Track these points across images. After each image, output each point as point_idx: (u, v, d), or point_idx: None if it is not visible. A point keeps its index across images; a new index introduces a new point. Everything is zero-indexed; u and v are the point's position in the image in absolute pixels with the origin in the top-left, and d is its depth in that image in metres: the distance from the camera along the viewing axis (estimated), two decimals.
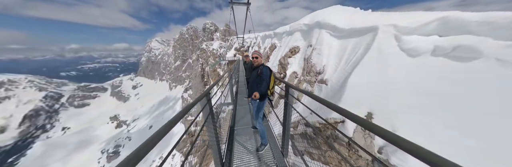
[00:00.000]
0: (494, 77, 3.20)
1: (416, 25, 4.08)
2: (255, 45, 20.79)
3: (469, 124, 2.87)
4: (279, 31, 10.90)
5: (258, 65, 2.33)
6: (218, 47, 44.21)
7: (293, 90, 1.83)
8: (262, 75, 2.12)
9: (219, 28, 69.39)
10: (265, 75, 2.09)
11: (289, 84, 1.94)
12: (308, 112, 5.96)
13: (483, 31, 3.62)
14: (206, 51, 44.47)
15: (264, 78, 2.06)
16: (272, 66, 9.34)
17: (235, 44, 29.26)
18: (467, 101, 3.04)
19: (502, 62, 3.43)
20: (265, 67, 2.23)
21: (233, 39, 35.18)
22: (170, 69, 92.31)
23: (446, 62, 3.95)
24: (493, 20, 3.44)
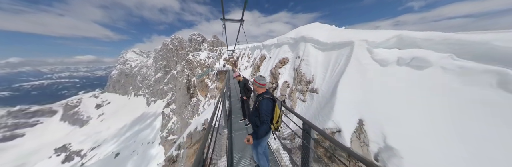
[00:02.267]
0: (442, 82, 4.09)
1: (381, 40, 5.16)
2: (244, 56, 21.77)
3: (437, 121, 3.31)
4: (268, 43, 11.97)
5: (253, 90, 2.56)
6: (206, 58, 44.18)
7: (313, 129, 1.43)
8: (261, 112, 1.61)
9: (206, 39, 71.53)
10: (264, 113, 1.60)
11: (309, 123, 1.55)
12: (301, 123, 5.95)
13: (427, 46, 4.80)
14: (193, 62, 43.51)
15: (264, 119, 1.58)
16: (265, 76, 9.66)
17: (224, 55, 29.91)
18: (428, 103, 3.72)
19: (445, 69, 4.46)
20: (265, 99, 1.69)
21: (222, 49, 36.27)
22: (149, 82, 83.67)
23: (408, 70, 4.89)
24: (432, 38, 4.67)
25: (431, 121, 3.43)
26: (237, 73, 3.88)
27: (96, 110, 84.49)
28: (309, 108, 6.59)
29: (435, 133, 3.20)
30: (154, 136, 48.89)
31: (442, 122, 3.32)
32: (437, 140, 3.11)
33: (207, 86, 39.54)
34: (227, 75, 12.09)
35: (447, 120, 3.30)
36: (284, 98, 8.22)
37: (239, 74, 4.08)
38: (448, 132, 3.11)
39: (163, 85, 70.94)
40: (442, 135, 3.16)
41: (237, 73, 3.88)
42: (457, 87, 4.29)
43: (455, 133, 3.02)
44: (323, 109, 5.33)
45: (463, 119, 3.21)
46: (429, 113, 3.69)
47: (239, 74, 4.01)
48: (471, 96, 4.03)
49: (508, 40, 3.64)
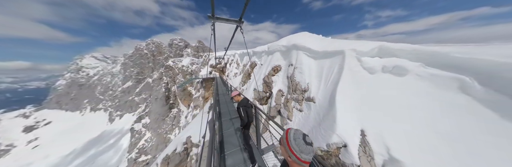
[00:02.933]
0: (420, 87, 4.57)
1: (367, 49, 5.63)
2: (233, 62, 21.17)
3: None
4: (258, 50, 11.91)
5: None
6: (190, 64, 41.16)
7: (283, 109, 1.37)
8: None
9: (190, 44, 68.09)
10: None
11: None
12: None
13: (402, 55, 5.45)
14: (174, 69, 39.53)
15: None
16: (257, 85, 9.06)
17: (210, 61, 28.47)
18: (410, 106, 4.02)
19: (419, 76, 5.01)
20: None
21: (208, 55, 34.80)
22: (114, 93, 68.69)
23: (391, 77, 5.33)
24: (405, 48, 5.34)
25: (421, 124, 3.85)
26: (236, 92, 2.71)
27: (24, 134, 60.43)
28: (307, 118, 6.27)
29: (425, 136, 3.62)
30: (119, 159, 37.85)
31: (429, 124, 3.77)
32: (428, 142, 3.46)
33: (190, 94, 35.66)
34: (215, 84, 10.96)
35: (430, 121, 3.81)
36: (280, 108, 7.76)
37: (238, 93, 2.75)
38: (434, 133, 3.59)
39: (134, 96, 59.84)
40: (431, 137, 3.53)
41: (236, 92, 2.71)
42: (431, 91, 4.84)
43: (439, 134, 3.51)
44: (323, 120, 5.08)
45: (443, 120, 3.77)
46: (419, 117, 4.08)
47: (238, 93, 2.74)
48: (443, 99, 4.56)
49: (463, 52, 4.45)
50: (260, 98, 8.96)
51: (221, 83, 12.78)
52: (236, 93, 2.82)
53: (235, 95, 2.81)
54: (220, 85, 12.08)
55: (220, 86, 11.47)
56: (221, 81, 14.12)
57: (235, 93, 2.82)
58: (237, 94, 2.82)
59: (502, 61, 3.85)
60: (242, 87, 13.05)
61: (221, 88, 10.09)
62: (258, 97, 9.07)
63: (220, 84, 12.82)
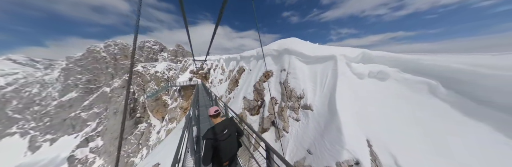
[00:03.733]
0: (399, 90, 4.91)
1: (353, 56, 5.91)
2: (218, 68, 19.63)
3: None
4: (246, 55, 11.30)
5: None
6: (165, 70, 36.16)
7: None
8: None
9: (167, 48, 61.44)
10: None
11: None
12: (303, 151, 4.92)
13: (380, 62, 5.97)
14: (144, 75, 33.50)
15: None
16: (247, 93, 8.12)
17: (191, 67, 25.71)
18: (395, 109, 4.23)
19: (399, 81, 5.45)
20: None
21: (188, 60, 31.64)
22: (44, 109, 48.75)
23: (375, 81, 5.63)
24: (382, 55, 5.88)
25: (409, 126, 4.19)
26: (214, 109, 1.73)
27: None
28: (306, 128, 5.68)
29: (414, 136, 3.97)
30: None
31: (413, 124, 4.19)
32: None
33: (165, 105, 30.07)
34: (196, 91, 9.21)
35: (414, 121, 4.25)
36: (273, 118, 6.94)
37: (217, 112, 1.72)
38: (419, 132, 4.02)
39: (79, 111, 44.98)
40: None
41: (214, 109, 1.73)
42: (408, 94, 5.26)
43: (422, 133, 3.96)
44: (326, 130, 4.57)
45: (420, 120, 4.23)
46: (408, 118, 4.21)
47: (217, 110, 1.72)
48: (419, 101, 4.99)
49: (429, 59, 5.17)
50: (250, 107, 7.94)
51: (204, 91, 11.07)
52: (213, 110, 1.71)
53: (213, 113, 1.67)
54: (203, 92, 10.37)
55: (203, 94, 9.79)
56: (203, 88, 12.32)
57: (213, 110, 1.71)
58: (215, 112, 1.68)
59: (457, 67, 4.61)
60: (228, 95, 11.69)
61: (204, 98, 8.44)
62: (248, 106, 8.03)
63: (202, 91, 11.05)
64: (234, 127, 1.66)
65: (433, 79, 5.05)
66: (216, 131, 1.51)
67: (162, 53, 59.27)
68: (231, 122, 1.68)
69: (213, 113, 1.67)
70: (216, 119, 1.67)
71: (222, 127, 1.56)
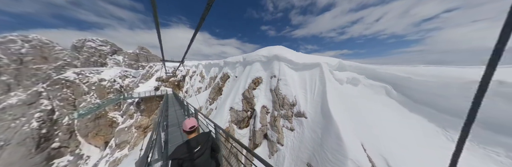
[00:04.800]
0: (368, 94, 5.92)
1: (333, 64, 6.77)
2: (196, 74, 17.30)
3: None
4: (231, 61, 10.63)
5: None
6: (118, 77, 28.24)
7: None
8: None
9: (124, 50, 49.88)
10: None
11: None
12: (302, 166, 4.44)
13: (351, 70, 7.18)
14: (77, 85, 24.23)
15: None
16: (234, 103, 7.17)
17: (158, 73, 21.45)
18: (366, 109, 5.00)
19: (366, 86, 6.58)
20: None
21: (154, 66, 26.54)
22: None
23: (351, 86, 6.55)
24: (351, 64, 7.11)
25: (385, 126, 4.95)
26: (191, 123, 1.37)
27: None
28: (302, 138, 5.36)
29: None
30: None
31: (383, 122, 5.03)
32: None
33: (113, 124, 21.69)
34: (164, 103, 6.99)
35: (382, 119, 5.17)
36: (266, 130, 6.23)
37: (193, 127, 1.37)
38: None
39: None
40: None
41: (191, 123, 1.37)
42: (375, 97, 6.36)
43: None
44: (324, 139, 4.41)
45: (384, 116, 5.16)
46: (380, 118, 4.97)
47: (193, 126, 1.36)
48: (383, 102, 6.09)
49: (382, 68, 6.69)
50: (238, 119, 6.90)
51: (176, 102, 8.88)
52: (190, 125, 1.37)
53: (188, 129, 1.36)
54: (174, 104, 8.19)
55: (175, 106, 7.70)
56: (175, 99, 9.98)
57: (189, 124, 1.37)
58: (190, 128, 1.36)
59: (399, 75, 6.19)
60: (209, 106, 10.01)
61: (175, 112, 6.46)
62: (236, 118, 6.95)
63: (174, 102, 8.79)
64: (209, 143, 1.37)
65: (387, 84, 6.51)
66: (186, 148, 1.25)
67: (115, 56, 47.14)
68: (207, 137, 1.39)
69: (188, 129, 1.36)
70: (190, 135, 1.38)
71: (195, 144, 1.30)
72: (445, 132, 5.01)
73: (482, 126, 4.57)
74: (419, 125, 5.19)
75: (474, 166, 4.00)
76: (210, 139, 1.39)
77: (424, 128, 5.13)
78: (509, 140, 4.17)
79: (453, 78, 5.13)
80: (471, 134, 4.67)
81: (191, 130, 1.35)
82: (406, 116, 5.52)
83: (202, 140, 1.34)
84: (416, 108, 5.72)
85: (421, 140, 4.65)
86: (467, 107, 3.25)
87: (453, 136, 4.88)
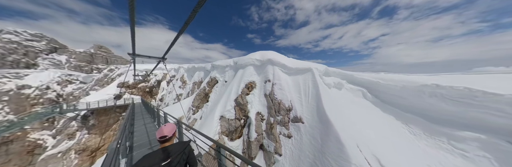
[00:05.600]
0: (351, 97, 6.74)
1: (321, 69, 7.40)
2: (174, 79, 15.01)
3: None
4: (220, 64, 9.88)
5: None
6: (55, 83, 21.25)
7: None
8: None
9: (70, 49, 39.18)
10: None
11: None
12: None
13: (335, 75, 8.07)
14: None
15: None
16: (225, 110, 6.41)
17: (122, 78, 17.52)
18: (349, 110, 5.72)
19: (348, 90, 7.48)
20: None
21: (116, 69, 21.74)
22: None
23: (337, 90, 7.27)
24: (335, 71, 8.02)
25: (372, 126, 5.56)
26: (169, 129, 1.15)
27: None
28: (301, 145, 5.15)
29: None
30: None
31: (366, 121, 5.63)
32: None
33: (34, 150, 14.67)
34: (129, 115, 4.99)
35: (364, 118, 5.77)
36: (262, 139, 5.67)
37: (163, 137, 1.11)
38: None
39: None
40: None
41: (169, 129, 1.15)
42: (356, 99, 7.25)
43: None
44: (324, 144, 4.33)
45: (364, 115, 5.91)
46: (363, 118, 5.55)
47: (166, 135, 1.11)
48: (362, 104, 7.00)
49: (358, 75, 7.85)
50: (230, 130, 6.11)
51: (147, 113, 7.08)
52: (167, 131, 1.15)
53: (160, 137, 1.13)
54: (143, 116, 6.39)
55: (144, 118, 5.97)
56: (146, 109, 8.04)
57: (166, 130, 1.15)
58: (161, 138, 1.14)
59: (374, 80, 7.41)
60: (193, 116, 8.62)
61: (144, 125, 4.80)
62: (227, 128, 6.13)
63: (141, 114, 6.92)
64: (183, 156, 1.12)
65: (363, 88, 7.65)
66: (151, 160, 1.00)
67: (55, 55, 36.16)
68: (183, 147, 1.13)
69: (159, 138, 1.10)
70: (163, 144, 1.14)
71: (164, 155, 1.05)
72: (408, 128, 6.09)
73: (430, 120, 5.83)
74: (390, 123, 6.13)
75: (430, 153, 4.91)
76: (186, 151, 1.13)
77: (394, 125, 6.08)
78: (448, 130, 5.43)
79: (408, 82, 6.59)
80: (424, 128, 5.97)
81: (162, 139, 1.12)
82: (380, 115, 6.46)
83: (175, 151, 1.08)
84: (386, 108, 6.86)
85: (395, 136, 5.40)
86: (420, 106, 4.05)
87: (414, 131, 5.96)
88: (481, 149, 4.71)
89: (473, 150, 4.75)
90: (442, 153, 4.94)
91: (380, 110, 6.86)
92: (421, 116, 6.07)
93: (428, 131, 5.66)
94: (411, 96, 6.30)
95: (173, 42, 1.59)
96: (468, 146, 4.82)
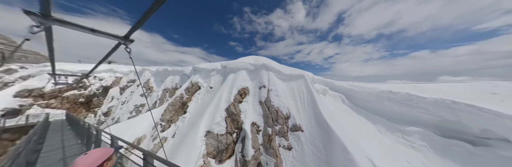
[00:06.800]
0: (336, 102, 7.65)
1: (310, 76, 8.01)
2: (134, 85, 11.21)
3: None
4: (205, 67, 8.51)
5: None
6: None
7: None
8: None
9: None
10: None
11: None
12: None
13: (318, 82, 9.01)
14: None
15: None
16: (213, 123, 5.20)
17: (27, 82, 11.49)
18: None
19: (330, 96, 8.45)
20: None
21: (18, 69, 14.20)
22: None
23: (323, 96, 8.04)
24: (319, 78, 8.98)
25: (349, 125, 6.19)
26: (94, 158, 0.71)
27: None
28: (303, 157, 4.69)
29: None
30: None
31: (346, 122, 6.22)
32: None
33: None
34: (29, 142, 2.67)
35: (351, 123, 6.39)
36: (260, 156, 4.71)
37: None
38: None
39: None
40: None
41: (94, 158, 0.71)
42: (338, 105, 8.23)
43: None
44: (330, 154, 4.15)
45: (345, 117, 6.65)
46: (347, 121, 6.20)
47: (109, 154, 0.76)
48: (342, 108, 8.02)
49: (337, 82, 9.15)
50: (219, 149, 4.86)
51: (74, 137, 4.39)
52: (90, 161, 0.72)
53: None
54: (63, 144, 3.73)
55: (63, 148, 3.48)
56: (73, 131, 5.13)
57: (88, 162, 0.71)
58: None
59: (348, 87, 8.83)
60: (161, 134, 6.41)
61: (63, 159, 2.61)
62: (216, 148, 4.83)
63: (61, 141, 4.13)
64: None
65: (341, 94, 8.94)
66: None
67: None
68: None
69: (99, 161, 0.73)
70: None
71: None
72: (376, 127, 7.40)
73: (390, 119, 7.37)
74: (364, 124, 7.23)
75: (391, 147, 6.00)
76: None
77: (367, 126, 7.21)
78: (401, 127, 7.05)
79: (371, 89, 8.39)
80: (386, 127, 7.53)
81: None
82: (357, 118, 7.56)
83: None
84: (359, 111, 8.19)
85: (371, 137, 6.30)
86: (381, 108, 4.99)
87: (380, 129, 7.28)
88: (421, 140, 6.24)
89: (416, 141, 6.23)
90: (400, 146, 6.16)
91: (356, 113, 8.05)
92: (383, 116, 7.63)
93: (389, 128, 7.08)
94: (374, 100, 8.01)
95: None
96: (414, 138, 6.31)
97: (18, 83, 12.15)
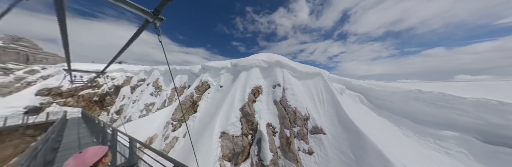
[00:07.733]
0: (353, 102, 7.09)
1: (327, 74, 7.52)
2: (144, 83, 11.52)
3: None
4: (215, 66, 8.32)
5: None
6: None
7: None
8: None
9: None
10: None
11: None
12: None
13: (334, 81, 8.44)
14: None
15: None
16: (228, 124, 4.95)
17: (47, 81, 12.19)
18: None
19: (348, 95, 7.87)
20: None
21: (40, 70, 15.15)
22: None
23: (341, 96, 7.50)
24: (335, 77, 8.42)
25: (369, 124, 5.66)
26: (91, 154, 0.72)
27: None
28: (328, 163, 4.16)
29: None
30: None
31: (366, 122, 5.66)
32: None
33: None
34: (47, 140, 2.68)
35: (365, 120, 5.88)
36: (277, 160, 4.34)
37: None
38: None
39: None
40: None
41: (91, 154, 0.72)
42: (354, 104, 7.64)
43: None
44: (362, 161, 3.64)
45: (363, 118, 6.08)
46: (368, 121, 5.67)
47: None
48: (362, 109, 7.40)
49: (354, 81, 8.53)
50: (235, 151, 4.62)
51: (88, 135, 4.45)
52: (86, 158, 0.75)
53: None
54: (80, 142, 3.82)
55: (79, 146, 3.53)
56: (88, 129, 5.24)
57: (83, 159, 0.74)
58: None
59: (368, 86, 8.18)
60: (172, 133, 6.33)
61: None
62: (231, 150, 4.61)
63: (77, 138, 4.23)
64: None
65: (359, 93, 8.31)
66: None
67: None
68: None
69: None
70: None
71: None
72: (401, 130, 6.72)
73: (416, 121, 6.66)
74: (387, 126, 6.60)
75: (421, 152, 5.35)
76: None
77: (390, 128, 6.57)
78: (432, 131, 6.31)
79: (396, 88, 7.68)
80: (413, 130, 6.79)
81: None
82: (377, 120, 6.94)
83: None
84: (379, 112, 7.54)
85: (396, 140, 5.69)
86: (406, 109, 4.04)
87: (406, 132, 6.59)
88: (458, 146, 5.51)
89: (453, 147, 5.51)
90: (432, 152, 5.49)
91: (376, 114, 7.42)
92: (409, 118, 6.93)
93: (417, 132, 6.39)
94: (399, 100, 7.30)
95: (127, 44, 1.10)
96: (449, 144, 5.59)
97: (39, 82, 12.99)
